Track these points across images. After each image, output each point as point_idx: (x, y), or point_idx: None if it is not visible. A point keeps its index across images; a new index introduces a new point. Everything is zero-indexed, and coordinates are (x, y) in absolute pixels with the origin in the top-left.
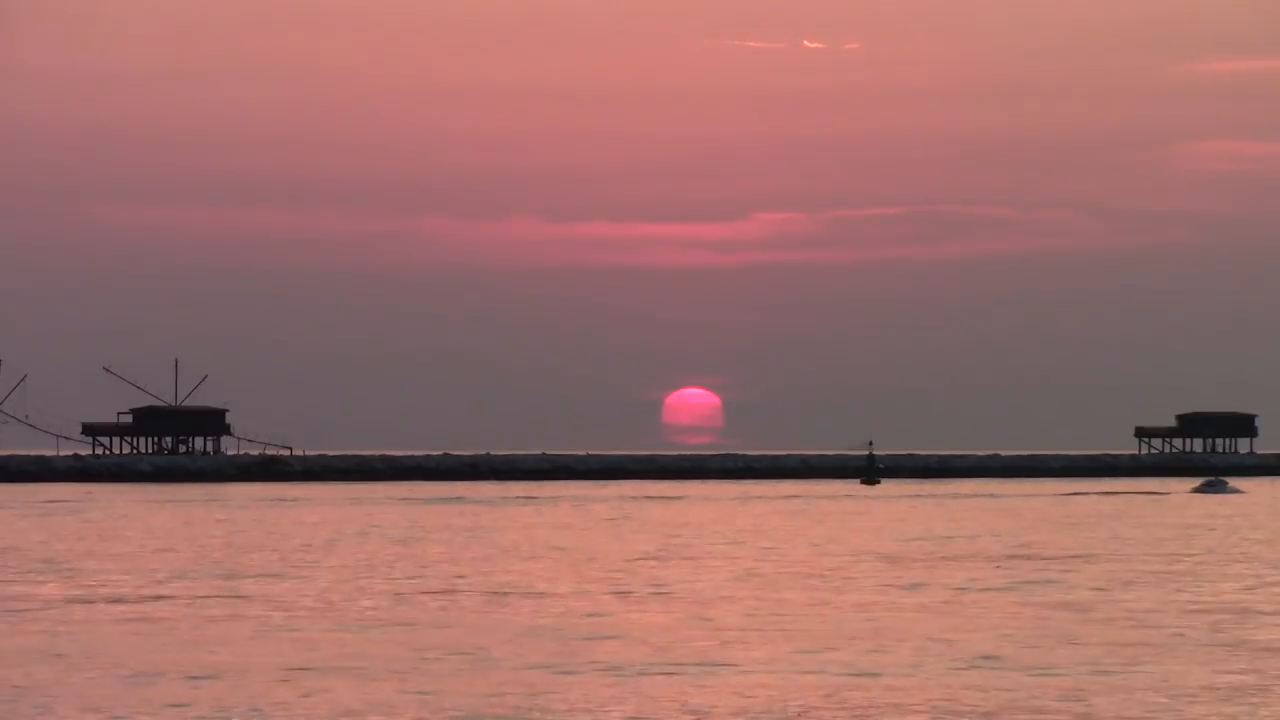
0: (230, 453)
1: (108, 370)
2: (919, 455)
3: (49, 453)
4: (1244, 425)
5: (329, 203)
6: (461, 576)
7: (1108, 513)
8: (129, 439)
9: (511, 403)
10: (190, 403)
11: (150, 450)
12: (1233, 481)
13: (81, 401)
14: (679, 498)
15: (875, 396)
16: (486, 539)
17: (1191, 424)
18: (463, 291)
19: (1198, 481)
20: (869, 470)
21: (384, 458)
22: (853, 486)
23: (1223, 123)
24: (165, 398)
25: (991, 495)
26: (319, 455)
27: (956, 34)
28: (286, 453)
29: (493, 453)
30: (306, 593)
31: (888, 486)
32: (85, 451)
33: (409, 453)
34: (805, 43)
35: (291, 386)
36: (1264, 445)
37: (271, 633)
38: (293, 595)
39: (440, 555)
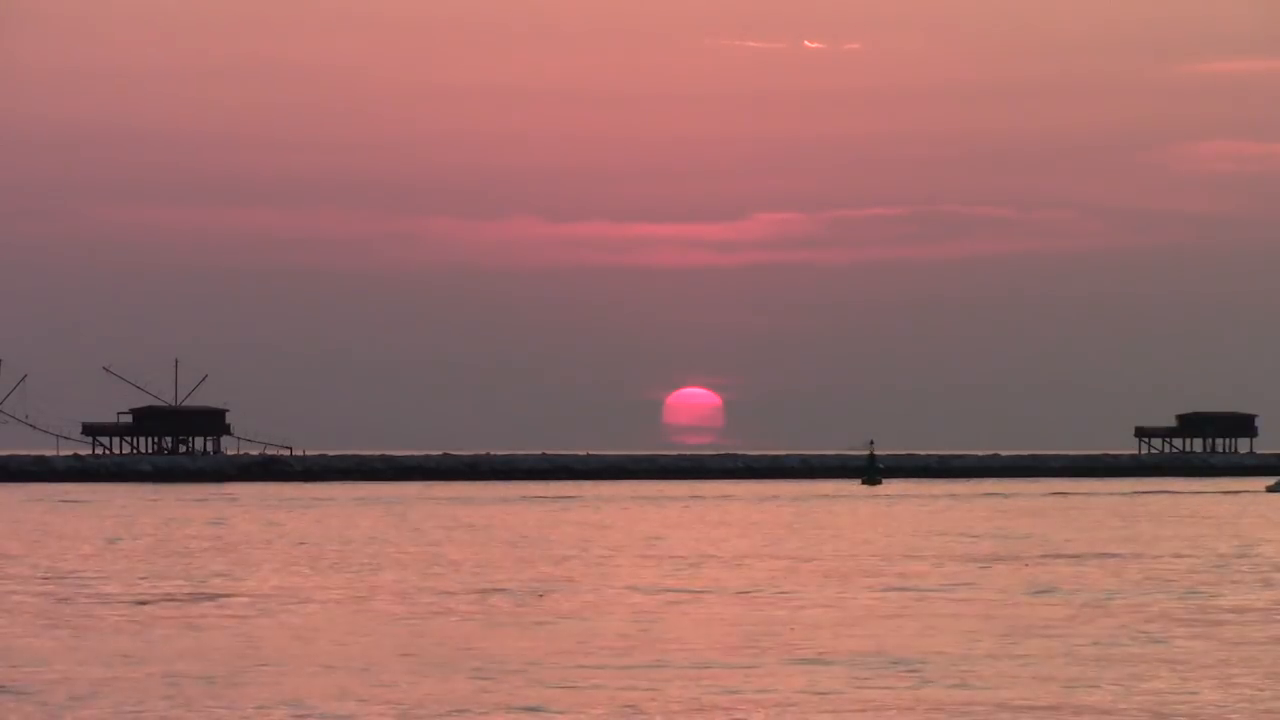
0: (230, 453)
1: (108, 370)
2: (919, 455)
3: (49, 453)
4: (1244, 425)
5: (329, 203)
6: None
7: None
8: (129, 439)
9: (511, 403)
10: (190, 403)
11: (150, 450)
12: (1235, 482)
13: (81, 401)
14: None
15: (875, 396)
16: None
17: (1191, 424)
18: (463, 291)
19: (1271, 480)
20: (870, 470)
21: (384, 458)
22: (852, 486)
23: (1223, 123)
24: (165, 398)
25: (1056, 494)
26: (319, 455)
27: (956, 34)
28: (286, 453)
29: (493, 453)
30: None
31: (901, 485)
32: (85, 451)
33: (409, 453)
34: (805, 43)
35: (291, 386)
36: (1264, 445)
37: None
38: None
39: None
